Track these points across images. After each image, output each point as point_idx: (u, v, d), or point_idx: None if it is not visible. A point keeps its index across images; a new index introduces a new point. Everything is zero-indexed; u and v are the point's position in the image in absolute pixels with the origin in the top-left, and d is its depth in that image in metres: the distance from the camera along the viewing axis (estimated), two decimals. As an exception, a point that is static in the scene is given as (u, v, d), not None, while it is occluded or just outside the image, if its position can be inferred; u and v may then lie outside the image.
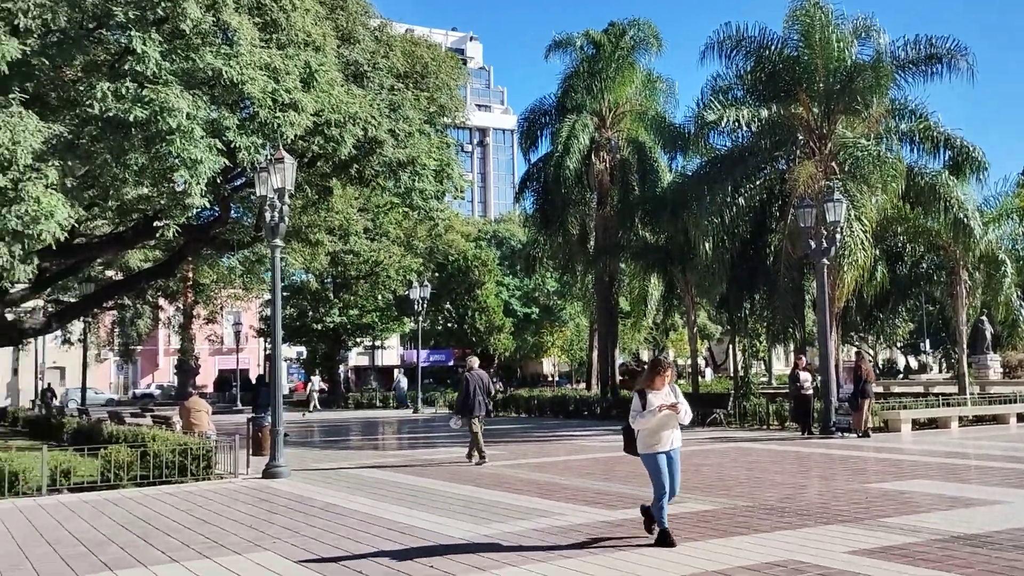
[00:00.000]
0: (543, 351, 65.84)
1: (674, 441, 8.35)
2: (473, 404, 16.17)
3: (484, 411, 16.40)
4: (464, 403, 16.38)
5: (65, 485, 13.38)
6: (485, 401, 16.43)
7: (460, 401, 16.72)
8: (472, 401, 16.19)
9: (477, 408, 16.19)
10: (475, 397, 16.20)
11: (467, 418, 16.29)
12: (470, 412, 16.20)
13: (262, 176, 15.30)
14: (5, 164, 16.28)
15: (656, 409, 8.08)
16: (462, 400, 16.54)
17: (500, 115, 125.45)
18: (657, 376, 8.38)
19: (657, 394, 8.25)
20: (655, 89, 31.04)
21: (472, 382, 16.40)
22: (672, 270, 26.88)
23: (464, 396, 16.44)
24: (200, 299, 42.09)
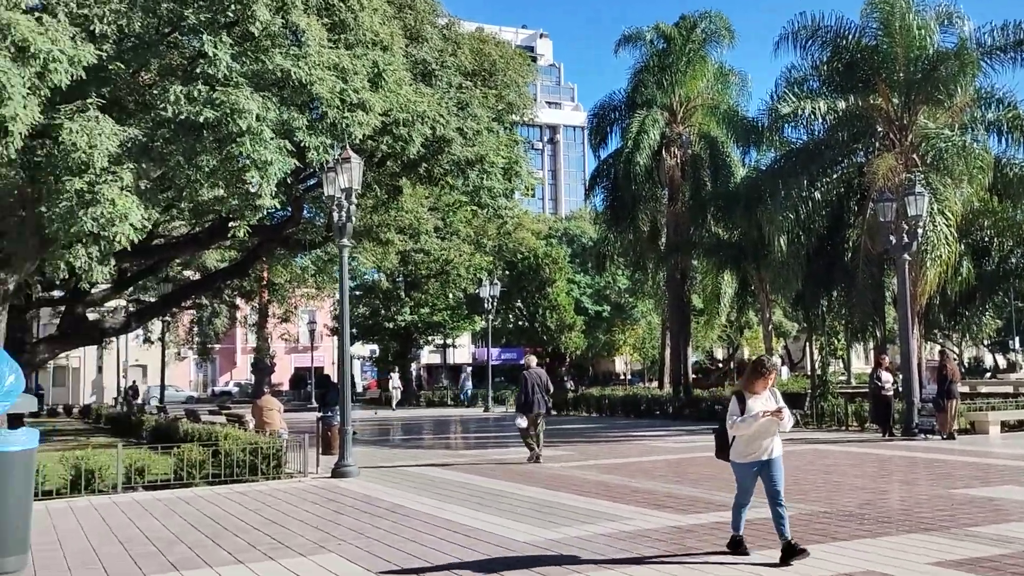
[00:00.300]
0: (615, 349, 65.32)
1: (773, 450, 7.80)
2: (533, 402, 16.28)
3: (544, 409, 16.51)
4: (524, 402, 16.47)
5: (140, 483, 13.58)
6: (544, 399, 16.53)
7: (520, 400, 16.78)
8: (532, 399, 16.29)
9: (537, 406, 16.30)
10: (534, 395, 16.32)
11: (529, 416, 16.37)
12: (530, 410, 16.32)
13: (329, 176, 15.34)
14: (82, 167, 16.64)
15: (758, 415, 7.56)
16: (523, 399, 16.61)
17: (570, 112, 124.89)
18: (759, 379, 7.80)
19: (757, 399, 7.71)
20: (727, 82, 30.41)
21: (531, 380, 16.48)
22: (746, 267, 26.34)
23: (524, 395, 16.55)
24: (275, 298, 42.74)
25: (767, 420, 7.58)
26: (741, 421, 7.62)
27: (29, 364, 25.85)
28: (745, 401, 7.68)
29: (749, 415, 7.58)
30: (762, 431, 7.67)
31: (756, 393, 7.74)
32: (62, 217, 16.55)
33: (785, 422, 7.63)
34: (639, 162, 28.14)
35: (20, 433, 5.85)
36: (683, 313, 30.66)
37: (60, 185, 16.75)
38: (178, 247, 29.49)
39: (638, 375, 74.99)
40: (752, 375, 7.90)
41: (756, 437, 7.70)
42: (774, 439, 7.79)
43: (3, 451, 5.58)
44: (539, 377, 16.68)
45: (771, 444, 7.77)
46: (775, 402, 7.73)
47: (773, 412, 7.57)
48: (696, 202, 28.51)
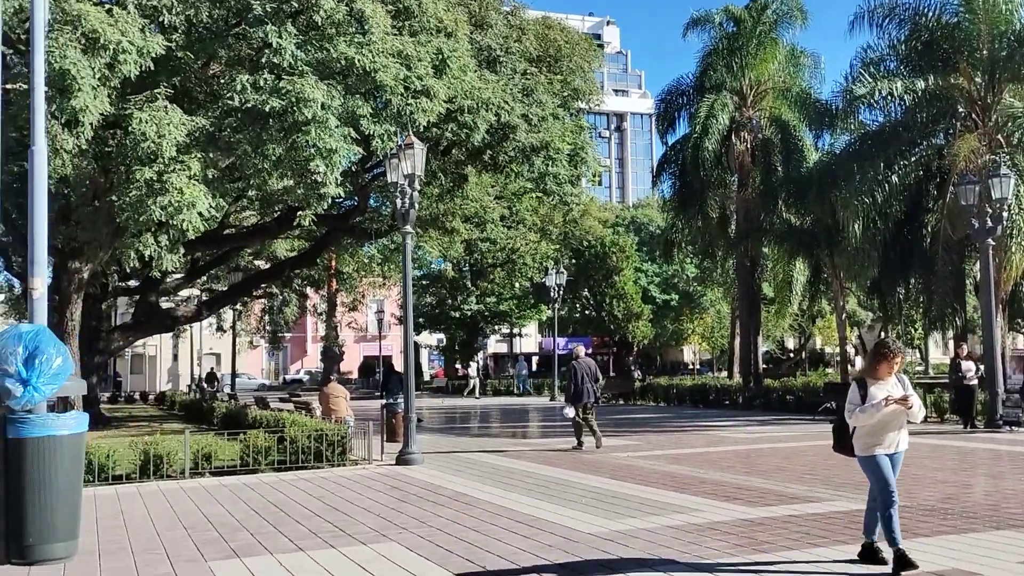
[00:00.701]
0: (683, 339, 64.54)
1: (900, 443, 6.93)
2: (582, 391, 16.47)
3: (593, 398, 16.70)
4: (574, 392, 16.62)
5: (207, 469, 13.69)
6: (594, 388, 16.72)
7: (570, 390, 16.92)
8: (581, 388, 16.49)
9: (586, 396, 16.48)
10: (584, 385, 16.50)
11: (578, 405, 16.49)
12: (579, 400, 16.47)
13: (393, 162, 15.24)
14: (151, 157, 16.86)
15: (882, 402, 6.67)
16: (572, 389, 16.77)
17: (638, 99, 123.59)
18: (882, 363, 6.88)
19: (881, 385, 6.83)
20: (799, 65, 29.60)
21: (580, 370, 16.67)
22: (819, 253, 25.63)
23: (573, 384, 16.71)
24: (342, 287, 43.11)
25: (893, 409, 6.73)
26: (861, 411, 6.78)
27: (104, 351, 26.50)
28: (867, 388, 6.85)
29: (871, 403, 6.74)
30: (887, 421, 6.81)
31: (880, 379, 6.88)
32: (132, 206, 16.81)
33: (915, 411, 6.82)
34: (708, 147, 27.55)
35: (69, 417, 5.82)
36: (753, 301, 30.00)
37: (130, 174, 17.02)
38: (247, 236, 29.86)
39: (707, 365, 74.01)
40: (875, 359, 7.01)
41: (881, 428, 6.84)
42: (901, 431, 6.95)
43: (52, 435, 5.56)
44: (588, 367, 16.88)
45: (898, 437, 6.92)
46: (902, 389, 6.88)
47: (899, 399, 6.72)
48: (767, 188, 27.80)
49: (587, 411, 16.52)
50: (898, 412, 6.79)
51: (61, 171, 17.46)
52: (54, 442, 5.56)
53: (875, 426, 6.81)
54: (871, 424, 6.80)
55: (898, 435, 6.92)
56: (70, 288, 21.06)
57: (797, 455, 14.81)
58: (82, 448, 6.13)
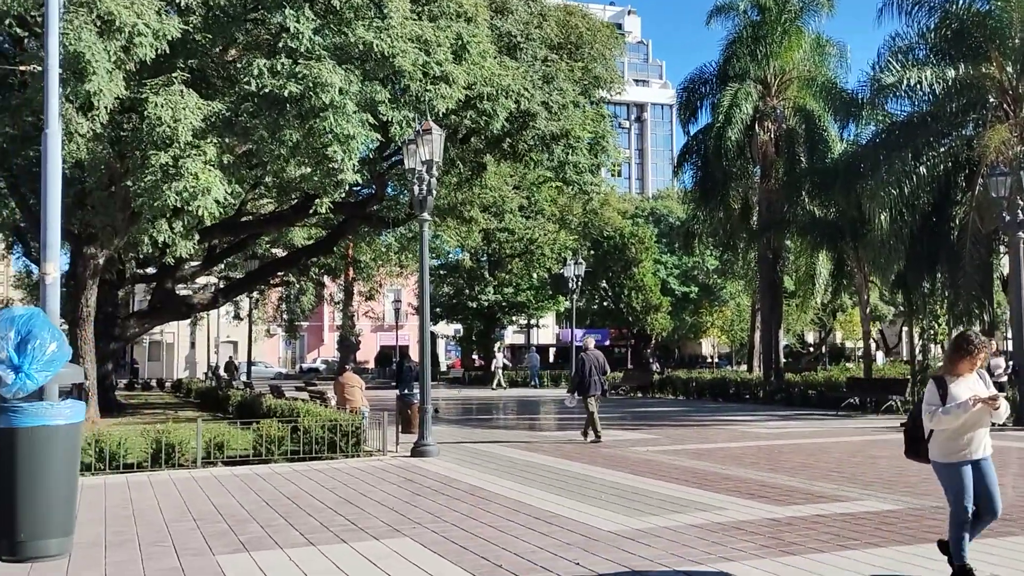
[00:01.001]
0: (702, 331, 64.01)
1: (985, 447, 6.19)
2: (589, 384, 16.53)
3: (599, 391, 16.83)
4: (580, 383, 16.77)
5: (219, 458, 13.47)
6: (600, 380, 16.86)
7: (576, 381, 17.13)
8: (588, 381, 16.54)
9: (592, 388, 16.55)
10: (590, 377, 16.57)
11: (583, 397, 16.59)
12: (586, 392, 16.54)
13: (410, 148, 14.94)
14: (167, 141, 16.63)
15: (968, 402, 5.95)
16: (578, 380, 16.96)
17: (658, 90, 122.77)
18: (964, 359, 6.17)
19: (961, 383, 6.11)
20: (824, 54, 29.05)
21: (588, 362, 16.72)
22: (843, 246, 25.17)
23: (580, 376, 16.86)
24: (359, 276, 42.91)
25: (979, 409, 6.02)
26: (944, 412, 6.01)
27: (120, 338, 26.38)
28: (947, 387, 6.10)
29: (954, 404, 5.99)
30: (971, 423, 6.08)
31: (960, 375, 6.16)
32: (147, 191, 16.60)
33: (1001, 411, 6.09)
34: (731, 137, 27.08)
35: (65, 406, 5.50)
36: (775, 295, 29.56)
37: (146, 159, 16.80)
38: (264, 224, 29.69)
39: (725, 358, 73.42)
40: (956, 353, 6.27)
41: (963, 430, 6.10)
42: (985, 435, 6.21)
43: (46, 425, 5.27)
44: (596, 359, 16.92)
45: (983, 440, 6.18)
46: (984, 386, 6.19)
47: (986, 399, 5.99)
48: (790, 179, 27.31)
49: (593, 403, 16.48)
50: (982, 413, 6.09)
51: (76, 155, 17.28)
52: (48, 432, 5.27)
53: (957, 429, 6.11)
54: (954, 427, 6.10)
55: (983, 437, 6.21)
56: (85, 274, 20.89)
57: (822, 452, 14.45)
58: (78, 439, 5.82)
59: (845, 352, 73.30)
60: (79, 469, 6.03)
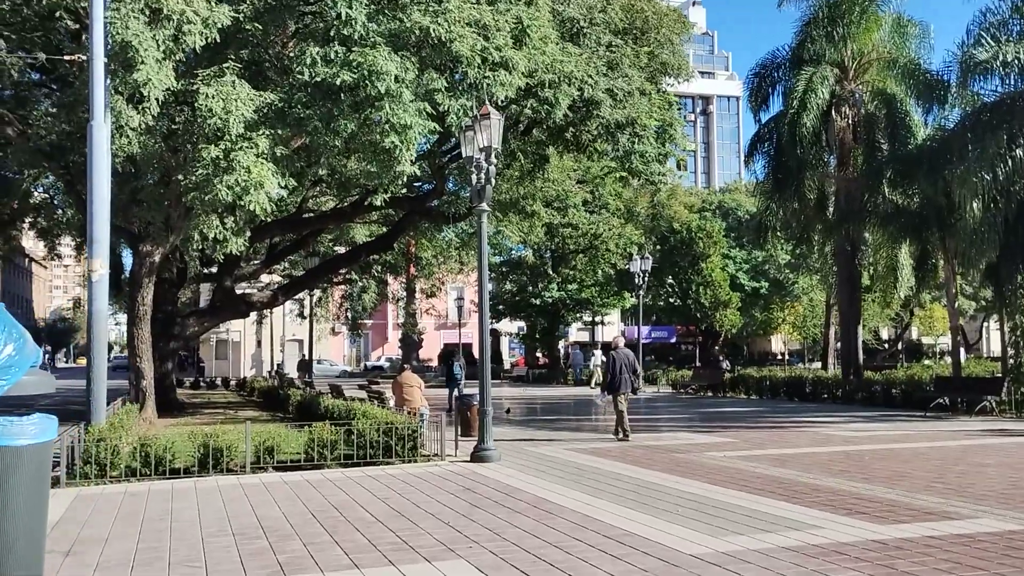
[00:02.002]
0: (772, 328, 62.20)
1: None
2: (619, 382, 16.73)
3: (630, 388, 17.03)
4: (611, 381, 16.95)
5: (270, 463, 12.82)
6: (631, 379, 17.07)
7: (607, 379, 17.31)
8: (618, 379, 16.75)
9: (623, 386, 16.74)
10: (621, 375, 16.79)
11: (614, 395, 16.77)
12: (616, 390, 16.74)
13: (468, 135, 14.11)
14: (218, 134, 16.09)
15: None
16: (609, 378, 17.15)
17: (724, 82, 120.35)
18: None
19: None
20: (905, 35, 27.42)
21: (619, 360, 16.97)
22: (928, 236, 23.66)
23: (610, 374, 17.06)
24: (421, 274, 42.37)
25: None
26: None
27: (179, 337, 26.09)
28: None
29: None
30: None
31: None
32: (198, 185, 16.08)
33: None
34: (806, 123, 25.69)
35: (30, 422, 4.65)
36: (853, 289, 28.06)
37: (197, 153, 16.29)
38: (324, 220, 29.22)
39: (797, 355, 71.40)
40: None
41: None
42: None
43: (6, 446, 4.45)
44: (627, 358, 17.19)
45: None
46: None
47: None
48: (870, 166, 25.80)
49: (624, 401, 16.68)
50: None
51: (127, 149, 16.84)
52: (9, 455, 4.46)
53: None
54: None
55: None
56: (141, 272, 20.52)
57: (918, 458, 13.23)
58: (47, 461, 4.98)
59: (922, 349, 70.73)
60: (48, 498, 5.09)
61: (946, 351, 74.80)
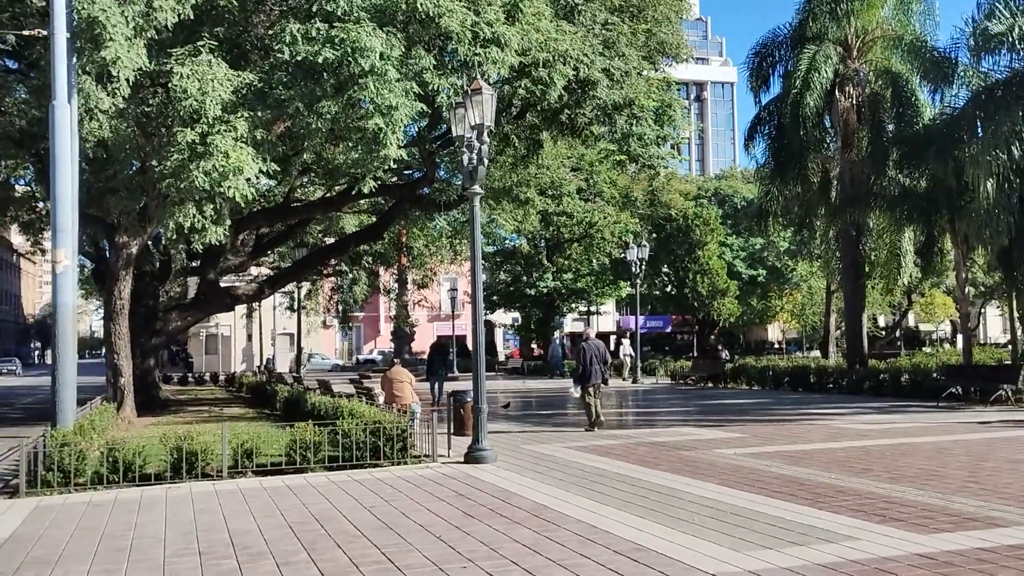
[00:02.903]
0: (770, 316, 61.38)
1: None
2: (590, 372, 16.79)
3: (600, 379, 17.06)
4: (582, 373, 16.95)
5: (249, 467, 11.92)
6: (602, 370, 17.12)
7: (579, 371, 17.27)
8: (589, 370, 16.80)
9: (594, 376, 16.82)
10: (592, 366, 16.83)
11: (587, 386, 16.78)
12: (587, 381, 16.79)
13: (458, 113, 13.19)
14: (193, 116, 15.14)
15: None
16: (580, 370, 17.12)
17: (718, 68, 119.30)
18: None
19: None
20: (910, 11, 26.51)
21: (589, 352, 17.00)
22: (937, 219, 22.81)
23: (580, 366, 17.05)
24: (413, 264, 41.43)
25: None
26: None
27: (162, 332, 25.15)
28: None
29: None
30: None
31: None
32: (173, 172, 15.15)
33: None
34: (809, 104, 24.72)
35: None
36: (858, 275, 27.18)
37: (172, 137, 15.36)
38: (310, 209, 28.27)
39: (794, 344, 70.66)
40: None
41: None
42: None
43: None
44: (597, 348, 17.26)
45: None
46: None
47: None
48: (875, 148, 24.88)
49: (595, 392, 16.80)
50: None
51: (98, 134, 15.95)
52: None
53: None
54: None
55: None
56: (118, 264, 19.59)
57: (943, 454, 12.38)
58: None
59: (920, 336, 70.04)
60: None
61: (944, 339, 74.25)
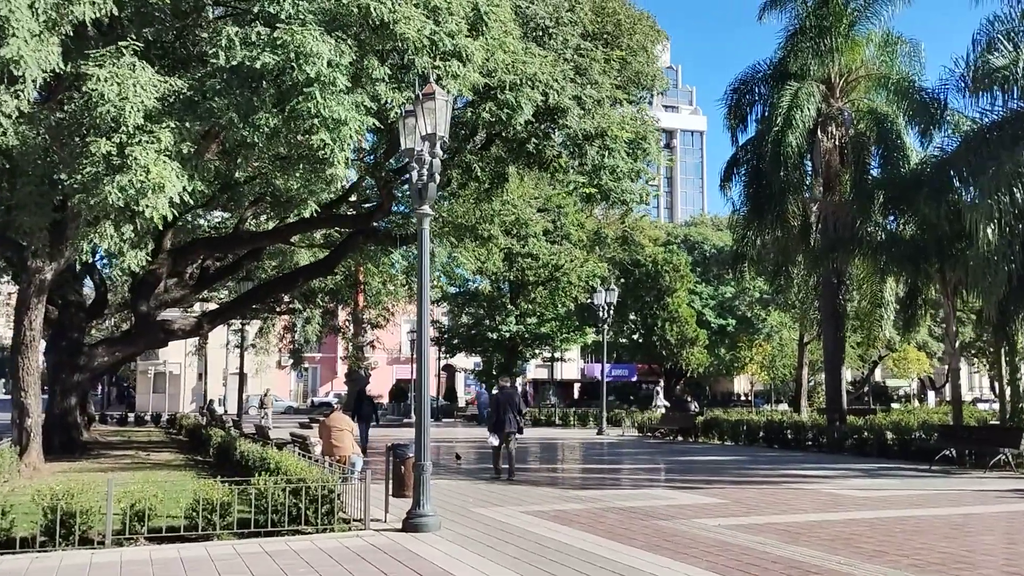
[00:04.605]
0: (738, 367, 59.83)
1: None
2: (504, 421, 16.80)
3: (514, 427, 16.95)
4: (496, 421, 17.00)
5: (140, 532, 9.90)
6: (515, 419, 16.99)
7: (492, 420, 17.32)
8: (503, 419, 16.81)
9: (508, 425, 16.82)
10: (505, 415, 16.82)
11: (501, 435, 16.82)
12: (501, 429, 16.84)
13: (407, 123, 11.45)
14: (111, 125, 13.30)
15: None
16: (493, 418, 17.22)
17: (688, 116, 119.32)
18: None
19: None
20: (894, 52, 25.41)
21: (502, 401, 17.13)
22: (927, 268, 21.38)
23: (495, 414, 17.13)
24: (369, 303, 39.43)
25: None
26: None
27: (86, 368, 22.96)
28: None
29: None
30: None
31: None
32: (84, 186, 13.26)
33: None
34: (791, 142, 23.35)
35: None
36: (838, 326, 25.70)
37: (85, 147, 13.49)
38: (255, 239, 26.34)
39: (761, 396, 69.17)
40: None
41: None
42: None
43: None
44: (510, 398, 17.31)
45: None
46: None
47: None
48: (860, 190, 23.48)
49: (507, 441, 16.81)
50: None
51: (1, 141, 14.02)
52: None
53: None
54: None
55: None
56: (29, 291, 17.51)
57: (962, 533, 10.64)
58: None
59: (888, 391, 68.94)
60: None
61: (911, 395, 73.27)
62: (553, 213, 43.55)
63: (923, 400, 61.39)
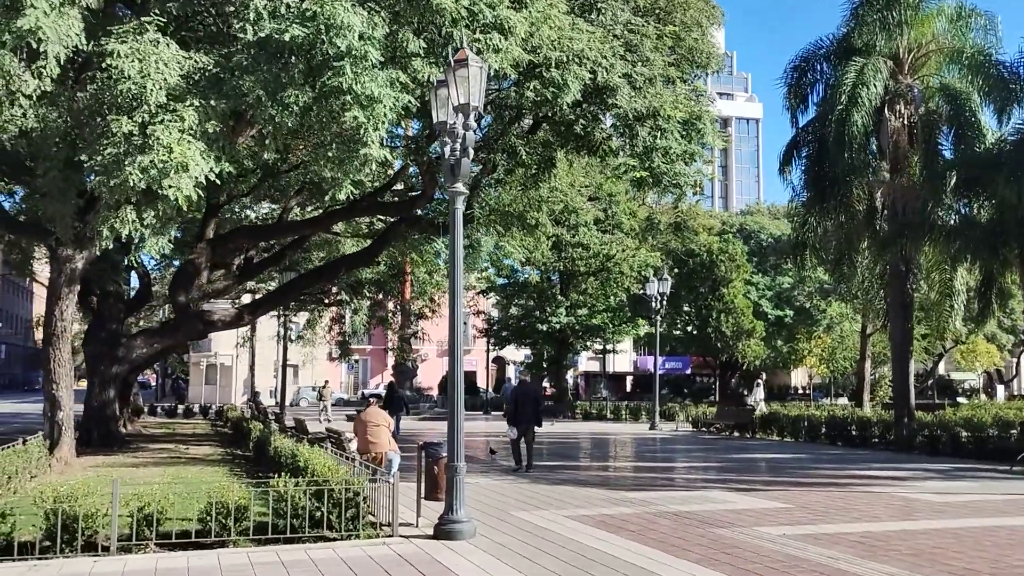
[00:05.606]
0: (796, 360, 58.01)
1: None
2: (522, 416, 16.90)
3: (533, 422, 17.05)
4: (514, 414, 17.11)
5: (150, 538, 9.15)
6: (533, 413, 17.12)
7: (510, 412, 17.57)
8: (522, 412, 16.94)
9: (526, 419, 16.91)
10: (524, 409, 16.98)
11: (519, 428, 16.88)
12: (519, 423, 16.92)
13: (439, 94, 10.51)
14: (132, 104, 12.61)
15: None
16: (512, 411, 17.35)
17: (743, 103, 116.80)
18: None
19: None
20: (968, 24, 23.77)
21: (521, 394, 17.36)
22: (1006, 253, 19.90)
23: (514, 407, 17.25)
24: (416, 293, 38.70)
25: None
26: None
27: (125, 360, 22.49)
28: None
29: None
30: None
31: None
32: (105, 168, 12.58)
33: None
34: (857, 121, 21.89)
35: None
36: (906, 316, 24.21)
37: (106, 127, 12.82)
38: (296, 227, 25.69)
39: (820, 390, 67.20)
40: None
41: None
42: None
43: None
44: (529, 392, 17.72)
45: None
46: None
47: None
48: (931, 172, 22.00)
49: (526, 433, 16.88)
50: None
51: (20, 123, 13.45)
52: None
53: None
54: None
55: None
56: (60, 281, 16.98)
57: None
58: None
59: (953, 385, 66.50)
60: None
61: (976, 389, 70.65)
62: (604, 202, 42.42)
63: (991, 395, 58.95)
